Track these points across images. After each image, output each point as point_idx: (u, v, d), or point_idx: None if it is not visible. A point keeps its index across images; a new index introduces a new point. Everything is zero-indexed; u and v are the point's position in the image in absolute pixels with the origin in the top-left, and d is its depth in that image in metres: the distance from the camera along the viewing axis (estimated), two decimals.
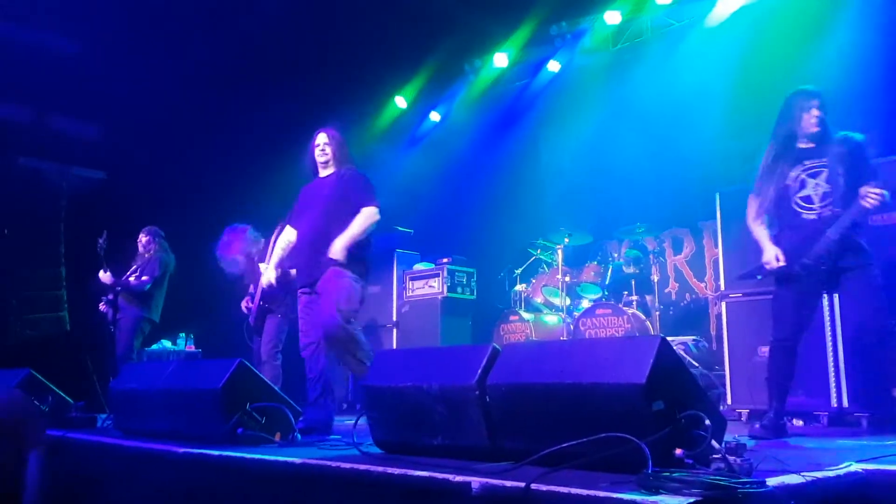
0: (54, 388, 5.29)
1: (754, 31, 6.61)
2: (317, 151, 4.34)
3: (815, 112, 3.57)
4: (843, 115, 4.07)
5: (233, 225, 5.87)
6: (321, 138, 4.36)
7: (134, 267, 6.50)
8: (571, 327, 6.29)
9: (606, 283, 6.57)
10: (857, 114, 4.55)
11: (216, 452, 2.98)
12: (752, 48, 6.53)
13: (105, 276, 6.37)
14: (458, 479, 2.07)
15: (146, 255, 6.52)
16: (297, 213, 4.38)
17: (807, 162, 3.60)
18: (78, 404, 4.87)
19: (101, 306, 6.41)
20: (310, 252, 4.13)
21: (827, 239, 3.49)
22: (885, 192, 3.38)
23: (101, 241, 6.27)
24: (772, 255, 3.62)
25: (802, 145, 3.63)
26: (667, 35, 7.54)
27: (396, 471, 2.26)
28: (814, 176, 3.59)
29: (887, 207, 3.48)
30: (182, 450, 3.14)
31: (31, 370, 5.29)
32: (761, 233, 3.72)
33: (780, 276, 3.71)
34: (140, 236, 6.62)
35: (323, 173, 4.35)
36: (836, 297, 4.24)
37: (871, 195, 3.36)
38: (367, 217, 4.12)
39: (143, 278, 6.36)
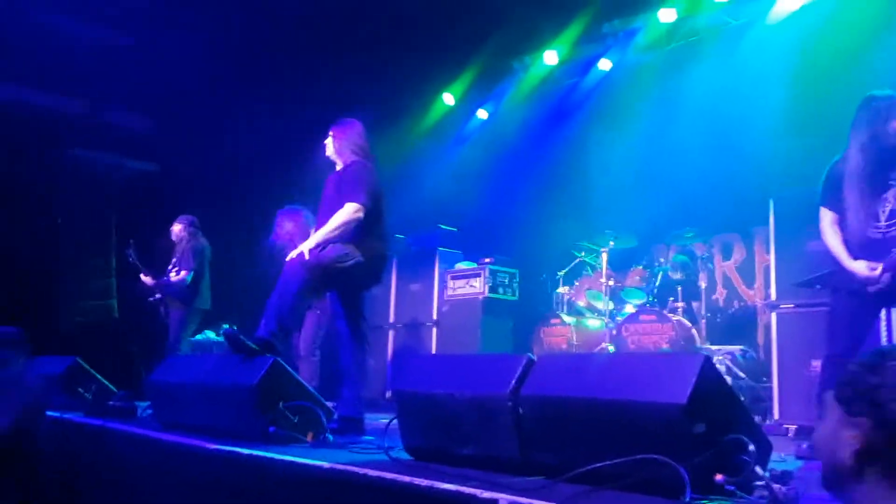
0: (98, 376, 5.40)
1: (814, 30, 6.34)
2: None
3: (888, 123, 3.36)
4: None
5: (287, 207, 5.83)
6: (329, 133, 4.30)
7: (174, 260, 6.59)
8: (614, 332, 6.15)
9: (652, 288, 6.40)
10: None
11: (246, 451, 2.96)
12: (811, 49, 6.27)
13: (146, 279, 6.51)
14: (486, 494, 2.00)
15: (181, 246, 6.60)
16: (319, 210, 4.34)
17: (879, 176, 3.39)
18: (120, 393, 4.95)
19: (154, 300, 6.56)
20: None
21: (892, 258, 3.30)
22: None
23: (128, 251, 6.42)
24: (865, 269, 3.36)
25: (877, 157, 3.40)
26: (723, 34, 7.30)
27: (423, 482, 2.20)
28: (884, 191, 3.38)
29: None
30: (213, 446, 3.14)
31: (77, 358, 5.41)
32: (840, 248, 3.49)
33: (837, 288, 3.53)
34: (173, 226, 6.69)
35: (338, 167, 4.29)
36: (894, 312, 4.04)
37: None
38: (343, 214, 3.94)
39: (182, 273, 6.44)
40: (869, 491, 1.21)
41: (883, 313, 4.12)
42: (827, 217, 3.57)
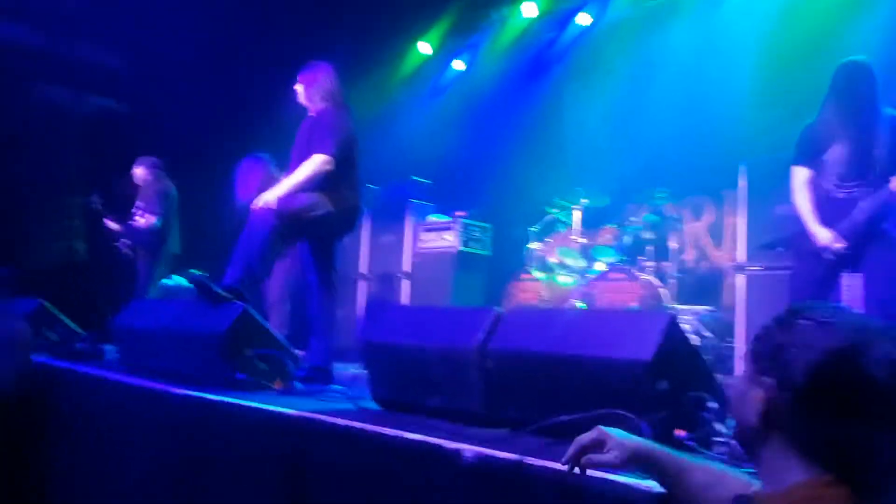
0: (64, 318, 5.34)
1: None
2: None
3: (866, 86, 3.38)
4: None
5: (251, 155, 5.72)
6: (298, 79, 4.20)
7: (138, 203, 6.46)
8: (584, 289, 6.21)
9: (623, 247, 6.46)
10: (892, 89, 4.35)
11: (213, 397, 2.97)
12: (788, 18, 6.26)
13: (112, 225, 6.39)
14: (451, 445, 2.03)
15: (147, 190, 6.47)
16: (291, 157, 4.27)
17: (849, 138, 3.43)
18: (86, 336, 4.90)
19: (122, 248, 6.46)
20: None
21: (853, 219, 3.38)
22: None
23: (93, 198, 6.28)
24: (828, 238, 3.43)
25: (849, 121, 3.44)
26: None
27: (390, 432, 2.22)
28: (853, 154, 3.43)
29: None
30: (180, 391, 3.14)
31: (42, 301, 5.34)
32: (808, 209, 3.55)
33: (800, 251, 3.61)
34: (135, 169, 6.52)
35: (311, 113, 4.20)
36: (856, 275, 4.13)
37: None
38: (310, 165, 3.86)
39: (150, 218, 6.32)
40: (771, 455, 1.18)
41: (845, 278, 4.21)
42: (801, 175, 3.61)
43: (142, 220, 6.37)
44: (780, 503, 1.15)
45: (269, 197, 3.83)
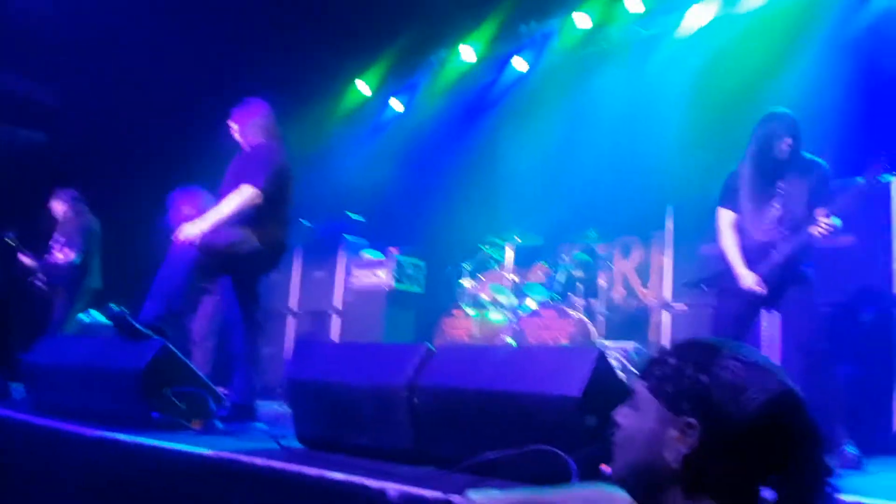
0: None
1: (720, 47, 6.62)
2: None
3: (787, 140, 3.53)
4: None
5: (185, 186, 5.54)
6: (232, 115, 4.14)
7: (57, 237, 6.20)
8: (515, 326, 6.23)
9: (554, 284, 6.53)
10: (814, 135, 4.58)
11: (127, 437, 2.81)
12: (717, 63, 6.54)
13: (27, 260, 6.11)
14: (376, 484, 1.96)
15: (67, 224, 6.22)
16: (219, 193, 4.16)
17: (767, 186, 3.57)
18: None
19: (38, 283, 6.16)
20: None
21: (771, 261, 3.49)
22: (836, 220, 3.37)
23: (8, 234, 6.02)
24: (752, 281, 3.52)
25: (768, 169, 3.58)
26: (635, 43, 7.51)
27: (312, 471, 2.14)
28: (772, 198, 3.57)
29: (834, 233, 3.48)
30: (92, 432, 2.97)
31: None
32: (734, 251, 3.64)
33: (722, 289, 3.70)
34: (53, 203, 6.26)
35: (244, 148, 4.12)
36: (774, 313, 4.27)
37: (821, 224, 3.35)
38: (237, 197, 3.75)
39: (70, 253, 6.06)
40: (674, 495, 1.17)
41: (763, 316, 4.35)
42: (726, 217, 3.73)
43: (60, 255, 6.10)
44: None
45: (192, 230, 3.70)
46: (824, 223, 3.35)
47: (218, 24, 7.22)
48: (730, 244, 3.67)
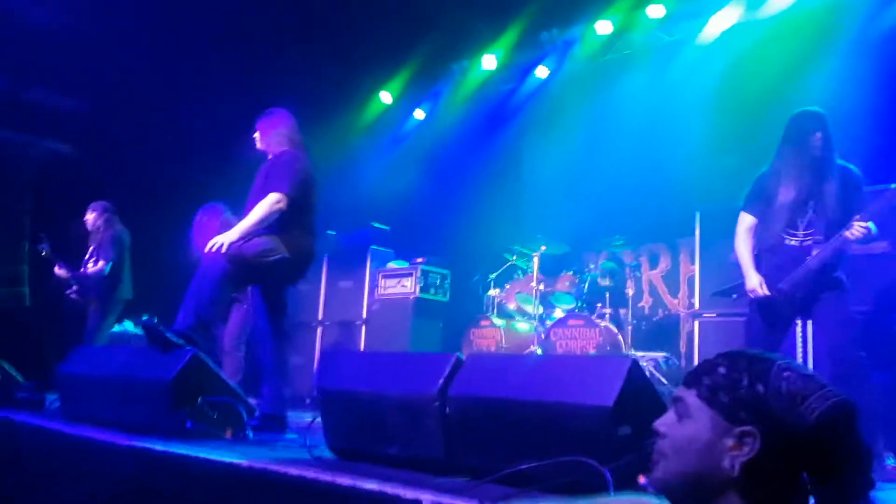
0: (6, 365, 5.11)
1: (743, 52, 6.58)
2: None
3: (818, 136, 3.49)
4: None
5: (208, 204, 5.64)
6: (256, 125, 4.17)
7: (90, 250, 6.31)
8: (543, 336, 6.20)
9: (581, 293, 6.49)
10: (843, 139, 4.51)
11: (160, 447, 2.83)
12: (741, 68, 6.49)
13: (61, 272, 6.22)
14: (409, 494, 1.96)
15: (98, 235, 6.33)
16: (246, 203, 4.19)
17: (802, 188, 3.52)
18: (27, 384, 4.70)
19: (72, 295, 6.28)
20: None
21: (806, 267, 3.44)
22: (871, 225, 3.32)
23: (41, 245, 6.14)
24: (756, 283, 3.53)
25: (802, 170, 3.53)
26: (657, 49, 7.49)
27: (346, 481, 2.14)
28: (804, 203, 3.51)
29: (872, 239, 3.42)
30: (125, 442, 2.99)
31: None
32: (747, 255, 3.63)
33: (755, 299, 3.65)
34: (87, 215, 6.38)
35: (269, 158, 4.14)
36: (808, 323, 4.20)
37: (856, 227, 3.30)
38: (265, 204, 3.77)
39: (100, 264, 6.16)
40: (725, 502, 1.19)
41: (798, 326, 4.28)
42: (745, 221, 3.69)
43: (91, 266, 6.20)
44: None
45: (222, 239, 3.74)
46: (860, 227, 3.30)
47: (243, 35, 7.31)
48: (743, 248, 3.66)
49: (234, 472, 2.48)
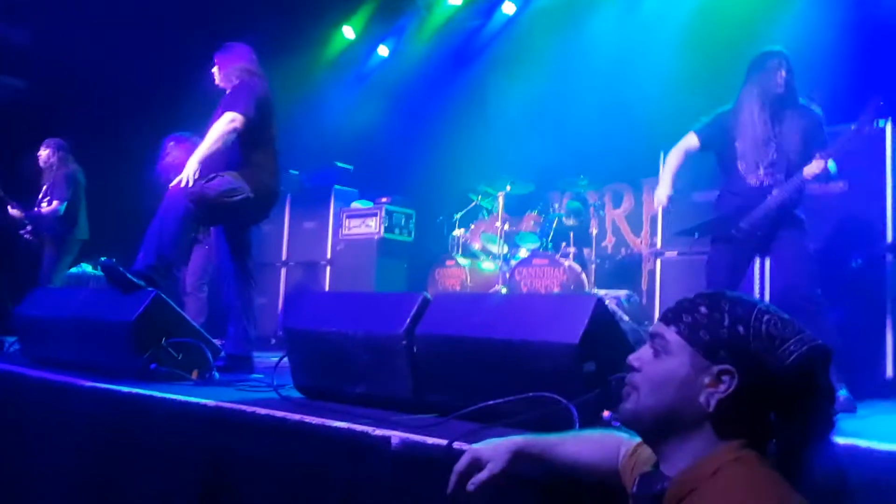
0: None
1: None
2: None
3: (782, 73, 3.49)
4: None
5: (175, 134, 5.44)
6: (214, 60, 4.05)
7: (44, 188, 6.12)
8: (507, 276, 6.25)
9: (545, 233, 6.53)
10: (807, 81, 4.53)
11: (125, 389, 2.81)
12: (708, 7, 6.44)
13: (14, 212, 6.03)
14: (378, 432, 1.98)
15: (52, 173, 6.13)
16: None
17: (764, 127, 3.53)
18: None
19: (26, 235, 6.10)
20: None
21: (766, 206, 3.49)
22: (831, 164, 3.36)
23: None
24: (663, 195, 3.64)
25: (764, 108, 3.54)
26: None
27: (315, 420, 2.15)
28: (766, 143, 3.54)
29: (830, 178, 3.47)
30: (89, 384, 2.96)
31: None
32: (671, 167, 3.76)
33: (715, 237, 3.71)
34: (40, 151, 6.17)
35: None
36: (766, 261, 4.29)
37: (814, 164, 3.35)
38: (220, 124, 3.68)
39: (54, 203, 6.00)
40: (695, 436, 1.22)
41: (756, 262, 4.38)
42: (689, 140, 3.77)
43: (46, 205, 6.02)
44: (702, 475, 1.18)
45: (185, 174, 3.63)
46: (815, 164, 3.35)
47: None
48: (672, 160, 3.76)
49: (201, 413, 2.48)
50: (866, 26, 5.42)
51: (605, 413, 1.98)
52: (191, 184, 3.59)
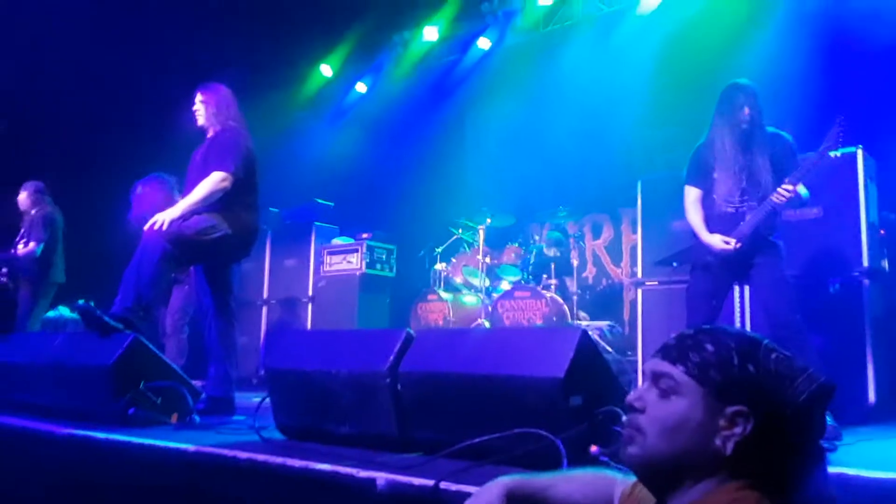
0: None
1: (682, 22, 6.65)
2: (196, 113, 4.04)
3: (746, 110, 3.56)
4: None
5: (150, 176, 5.39)
6: (196, 98, 4.02)
7: (22, 231, 6.06)
8: (490, 309, 6.24)
9: (527, 265, 6.54)
10: (777, 109, 4.62)
11: (102, 435, 2.74)
12: (680, 39, 6.58)
13: None
14: (364, 474, 1.94)
15: (29, 216, 6.08)
16: (186, 181, 4.06)
17: (735, 159, 3.60)
18: None
19: (1, 278, 6.01)
20: None
21: (739, 232, 3.54)
22: (801, 188, 3.42)
23: None
24: (718, 240, 3.58)
25: (734, 139, 3.61)
26: (597, 20, 7.53)
27: (297, 462, 2.11)
28: (738, 173, 3.60)
29: (802, 203, 3.52)
30: (64, 430, 2.89)
31: None
32: (699, 221, 3.69)
33: (693, 265, 3.74)
34: (19, 195, 6.13)
35: (210, 134, 4.01)
36: (746, 288, 4.32)
37: (781, 190, 3.40)
38: (208, 183, 3.69)
39: (31, 245, 5.93)
40: (704, 478, 1.18)
41: (736, 290, 4.41)
42: (692, 194, 3.77)
43: (21, 247, 5.94)
44: None
45: (163, 217, 3.62)
46: (784, 190, 3.39)
47: (181, 6, 7.03)
48: (695, 217, 3.72)
49: (181, 459, 2.42)
50: (835, 53, 5.55)
51: (593, 448, 1.96)
52: (165, 227, 3.56)
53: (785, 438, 1.18)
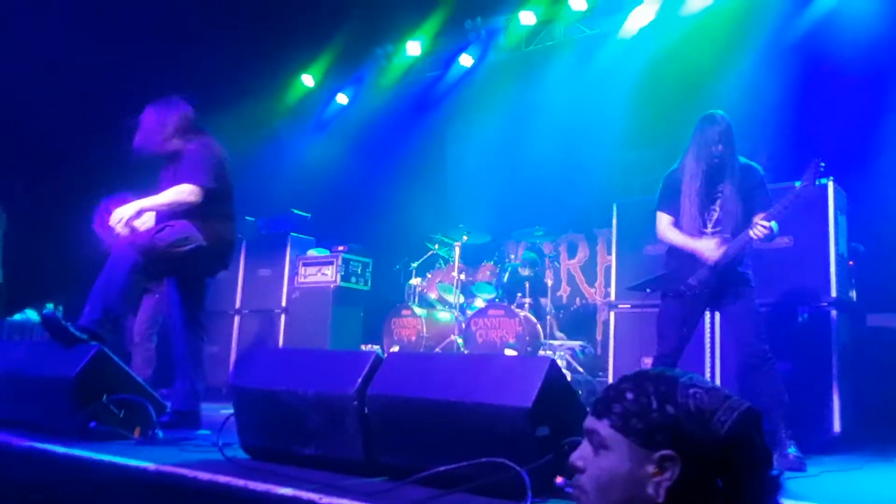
0: None
1: (663, 48, 6.74)
2: None
3: (719, 147, 3.59)
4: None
5: (117, 194, 5.30)
6: (151, 118, 3.88)
7: None
8: (463, 326, 6.23)
9: (501, 283, 6.55)
10: (751, 138, 4.68)
11: (61, 450, 2.68)
12: (659, 64, 6.66)
13: None
14: (326, 500, 1.91)
15: None
16: None
17: (707, 190, 3.63)
18: None
19: None
20: None
21: (724, 253, 3.56)
22: (773, 225, 3.46)
23: None
24: (713, 245, 3.57)
25: (706, 170, 3.64)
26: (579, 42, 7.60)
27: (259, 486, 2.07)
28: (710, 203, 3.64)
29: (772, 238, 3.57)
30: (22, 443, 2.82)
31: None
32: (682, 239, 3.68)
33: (666, 292, 3.76)
34: None
35: (174, 150, 3.83)
36: (716, 315, 4.36)
37: (758, 228, 3.44)
38: (175, 192, 3.60)
39: None
40: None
41: (707, 316, 4.45)
42: (664, 220, 3.80)
43: None
44: None
45: (121, 213, 3.50)
46: (761, 228, 3.43)
47: (161, 16, 6.97)
48: (676, 236, 3.72)
49: (140, 478, 2.37)
50: (810, 85, 5.65)
51: (559, 479, 1.95)
52: (123, 224, 3.48)
53: (718, 474, 1.17)
